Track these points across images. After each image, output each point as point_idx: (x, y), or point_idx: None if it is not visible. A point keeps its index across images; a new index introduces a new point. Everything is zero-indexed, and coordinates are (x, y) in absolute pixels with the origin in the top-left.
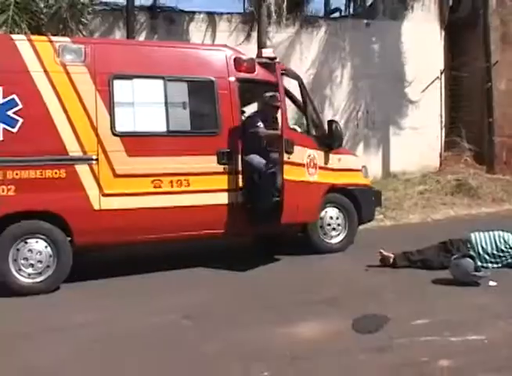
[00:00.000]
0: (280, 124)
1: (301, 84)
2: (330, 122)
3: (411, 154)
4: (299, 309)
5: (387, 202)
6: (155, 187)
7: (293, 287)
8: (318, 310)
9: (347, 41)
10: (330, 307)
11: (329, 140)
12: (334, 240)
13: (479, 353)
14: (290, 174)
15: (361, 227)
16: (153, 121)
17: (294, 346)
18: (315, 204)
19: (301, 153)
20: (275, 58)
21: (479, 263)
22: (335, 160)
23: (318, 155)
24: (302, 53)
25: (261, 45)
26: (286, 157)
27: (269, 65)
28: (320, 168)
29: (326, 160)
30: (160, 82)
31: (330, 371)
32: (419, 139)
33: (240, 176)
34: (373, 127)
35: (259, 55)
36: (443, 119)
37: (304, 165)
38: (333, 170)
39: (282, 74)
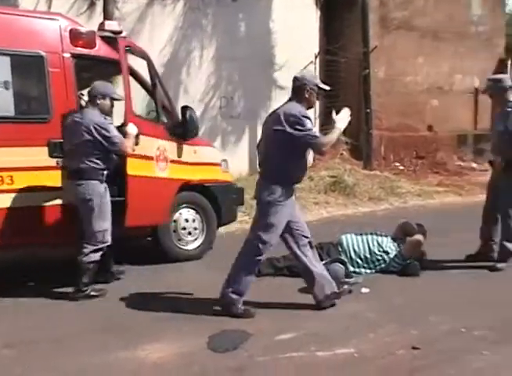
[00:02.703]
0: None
1: (150, 65)
2: (184, 108)
3: None
4: (147, 329)
5: (254, 202)
6: None
7: (141, 302)
8: (169, 328)
9: (210, 17)
10: (184, 324)
11: (182, 129)
12: (190, 246)
13: (348, 368)
14: (135, 169)
15: (222, 230)
16: None
17: (140, 372)
18: (167, 203)
19: (149, 145)
20: (120, 32)
21: (351, 268)
22: (190, 152)
23: (170, 146)
24: (154, 29)
25: (107, 16)
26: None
27: (113, 40)
28: (172, 161)
29: (180, 153)
30: None
31: None
32: None
33: None
34: (237, 116)
35: (101, 27)
36: (317, 108)
37: (153, 158)
38: (188, 164)
39: (126, 50)
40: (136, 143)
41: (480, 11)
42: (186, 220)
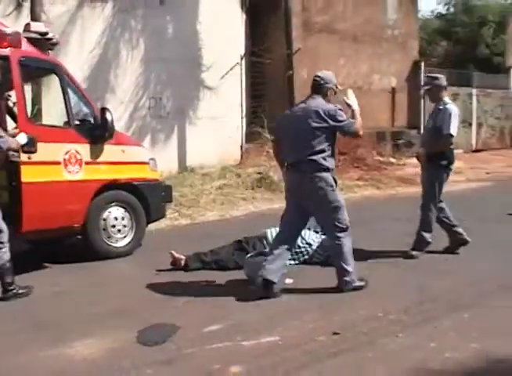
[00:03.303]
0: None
1: (60, 72)
2: (103, 110)
3: (209, 146)
4: (76, 325)
5: (183, 199)
6: None
7: (69, 299)
8: (98, 324)
9: (139, 19)
10: (114, 319)
11: (101, 131)
12: (120, 244)
13: (272, 356)
14: (33, 175)
15: (152, 227)
16: None
17: (69, 368)
18: (80, 204)
19: (52, 150)
20: (46, 33)
21: None
22: (117, 152)
23: (83, 149)
24: (84, 31)
25: (35, 18)
26: (25, 157)
27: (39, 41)
28: (89, 163)
29: (98, 154)
30: None
31: None
32: (218, 129)
33: None
34: (166, 116)
35: (27, 28)
36: (244, 108)
37: (60, 163)
38: (114, 163)
39: (20, 61)
40: (34, 151)
41: (395, 15)
42: (115, 218)
